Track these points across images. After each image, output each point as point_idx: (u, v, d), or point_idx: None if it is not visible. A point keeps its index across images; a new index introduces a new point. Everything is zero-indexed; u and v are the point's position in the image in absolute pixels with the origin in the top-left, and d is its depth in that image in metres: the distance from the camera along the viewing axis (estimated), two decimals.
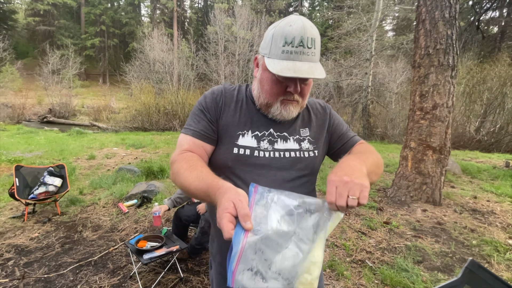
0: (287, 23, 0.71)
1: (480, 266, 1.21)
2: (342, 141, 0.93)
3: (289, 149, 0.83)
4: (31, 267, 2.34)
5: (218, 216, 0.54)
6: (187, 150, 0.79)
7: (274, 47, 0.72)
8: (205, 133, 0.81)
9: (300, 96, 0.79)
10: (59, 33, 31.89)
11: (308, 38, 0.70)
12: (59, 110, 19.16)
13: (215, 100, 0.84)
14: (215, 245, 0.92)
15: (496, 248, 2.65)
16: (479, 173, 5.74)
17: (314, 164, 0.87)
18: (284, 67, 0.69)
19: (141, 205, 3.67)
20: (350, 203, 0.56)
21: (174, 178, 0.75)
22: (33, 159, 6.19)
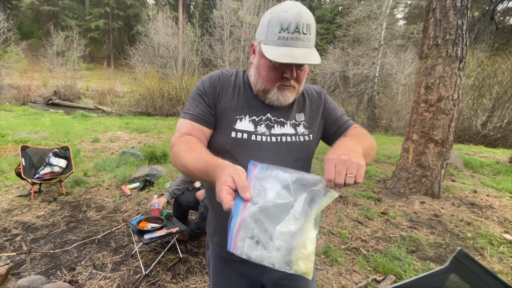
0: (282, 9, 0.71)
1: (468, 256, 1.24)
2: (337, 125, 0.95)
3: (286, 133, 0.85)
4: (37, 243, 2.44)
5: (218, 189, 0.55)
6: (186, 133, 0.81)
7: (270, 33, 0.73)
8: (203, 117, 0.83)
9: (296, 81, 0.80)
10: (63, 14, 31.50)
11: (303, 24, 0.70)
12: (64, 92, 19.22)
13: (213, 85, 0.85)
14: (212, 227, 0.96)
15: (491, 241, 2.69)
16: (482, 168, 5.72)
17: (309, 148, 0.89)
18: (281, 53, 0.70)
19: (143, 188, 3.76)
20: (348, 181, 0.59)
21: (174, 161, 0.76)
22: (38, 140, 6.29)
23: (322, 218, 3.08)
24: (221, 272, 0.95)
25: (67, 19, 30.32)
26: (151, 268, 2.10)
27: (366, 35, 14.16)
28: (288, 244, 0.57)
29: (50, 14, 31.64)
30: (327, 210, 3.27)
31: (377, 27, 13.24)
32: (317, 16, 32.10)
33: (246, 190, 0.54)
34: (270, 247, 0.56)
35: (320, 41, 28.48)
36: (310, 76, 17.05)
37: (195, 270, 2.15)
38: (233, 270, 0.94)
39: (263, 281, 0.94)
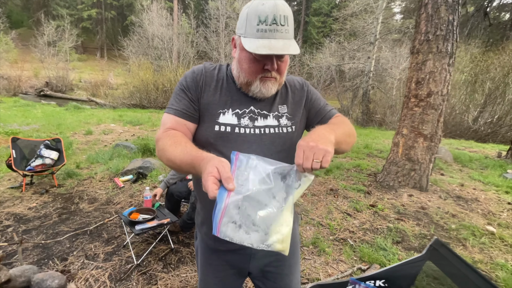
0: (259, 2, 0.73)
1: (443, 245, 1.30)
2: (320, 115, 0.97)
3: (269, 125, 0.87)
4: (29, 234, 2.46)
5: (204, 179, 0.59)
6: (171, 128, 0.82)
7: (249, 26, 0.74)
8: (186, 112, 0.84)
9: (277, 73, 0.81)
10: (54, 3, 30.63)
11: (280, 15, 0.72)
12: (56, 83, 18.86)
13: (195, 80, 0.87)
14: (200, 217, 0.98)
15: (473, 233, 2.79)
16: (470, 162, 5.85)
17: (292, 139, 0.91)
18: (260, 45, 0.72)
19: (136, 181, 3.77)
20: (314, 166, 0.63)
21: (160, 155, 0.78)
22: (30, 132, 6.22)
23: (312, 210, 3.15)
24: (209, 261, 0.98)
25: (58, 8, 29.51)
26: (143, 258, 2.14)
27: (362, 29, 14.12)
28: (266, 227, 0.63)
29: (41, 3, 30.74)
30: (318, 203, 3.34)
31: (373, 21, 13.21)
32: (314, 9, 31.80)
33: (229, 181, 0.58)
34: (251, 230, 0.62)
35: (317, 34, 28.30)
36: (306, 69, 17.02)
37: (186, 260, 2.19)
38: (220, 260, 0.96)
39: (250, 269, 0.97)
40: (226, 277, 0.98)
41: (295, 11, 36.72)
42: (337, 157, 5.65)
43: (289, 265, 1.00)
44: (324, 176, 4.30)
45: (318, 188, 3.81)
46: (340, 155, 5.79)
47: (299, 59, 17.08)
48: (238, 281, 1.01)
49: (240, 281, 1.02)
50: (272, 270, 0.98)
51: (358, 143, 7.37)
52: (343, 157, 5.72)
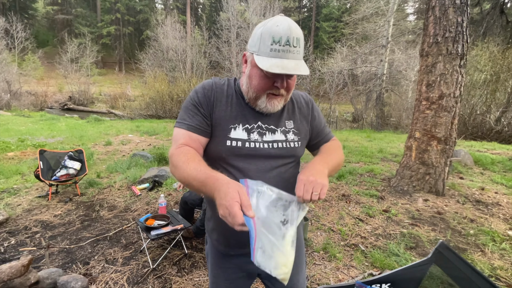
0: (274, 23, 0.78)
1: (448, 248, 1.31)
2: (319, 137, 1.05)
3: (277, 140, 0.92)
4: (55, 239, 2.64)
5: (228, 203, 0.61)
6: (184, 144, 0.84)
7: (262, 45, 0.78)
8: (200, 127, 0.87)
9: (285, 90, 0.87)
10: (76, 22, 32.67)
11: (293, 37, 0.77)
12: (78, 97, 19.96)
13: (207, 95, 0.90)
14: (211, 224, 1.03)
15: (493, 238, 2.68)
16: (492, 165, 5.60)
17: (298, 152, 0.98)
18: (273, 64, 0.76)
19: (152, 189, 3.93)
20: (313, 197, 0.73)
21: (173, 171, 0.80)
22: (55, 144, 6.62)
23: (323, 215, 3.15)
24: (220, 264, 1.03)
25: (80, 26, 31.43)
26: (158, 263, 2.24)
27: (374, 32, 14.00)
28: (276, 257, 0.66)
29: (64, 22, 32.89)
30: (329, 208, 3.33)
31: (385, 24, 13.07)
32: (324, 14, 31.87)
33: (249, 208, 0.62)
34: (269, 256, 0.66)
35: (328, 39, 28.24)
36: (318, 75, 16.99)
37: (199, 265, 2.27)
38: (230, 263, 1.02)
39: (259, 271, 1.02)
40: (236, 279, 1.02)
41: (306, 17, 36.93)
42: (350, 162, 5.59)
43: (295, 264, 1.05)
44: (336, 182, 4.28)
45: (330, 193, 3.80)
46: (353, 161, 5.73)
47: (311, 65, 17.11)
48: (247, 283, 1.05)
49: (249, 282, 1.06)
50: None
51: (372, 147, 7.25)
52: (356, 161, 5.66)
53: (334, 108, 16.96)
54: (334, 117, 16.04)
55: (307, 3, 38.16)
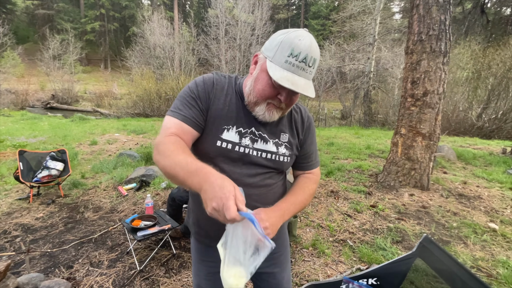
0: (297, 36, 0.75)
1: (432, 242, 1.33)
2: (304, 161, 1.02)
3: (267, 150, 0.90)
4: (36, 243, 2.54)
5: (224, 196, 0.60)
6: (174, 134, 0.81)
7: (279, 54, 0.76)
8: (195, 120, 0.84)
9: (286, 105, 0.85)
10: (58, 17, 31.48)
11: (311, 57, 0.76)
12: (61, 96, 19.30)
13: (206, 90, 0.87)
14: (192, 216, 1.03)
15: (475, 230, 2.78)
16: (474, 160, 5.80)
17: (285, 167, 0.96)
18: (284, 76, 0.74)
19: (139, 189, 3.85)
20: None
21: (158, 159, 0.75)
22: (37, 144, 6.38)
23: (312, 212, 3.17)
24: (201, 258, 1.04)
25: (63, 22, 30.31)
26: (145, 264, 2.19)
27: (361, 30, 14.19)
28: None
29: (46, 18, 31.63)
30: (318, 205, 3.36)
31: (371, 22, 13.26)
32: (313, 12, 32.04)
33: (244, 203, 0.62)
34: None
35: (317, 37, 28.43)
36: None
37: (187, 265, 2.24)
38: (211, 257, 1.01)
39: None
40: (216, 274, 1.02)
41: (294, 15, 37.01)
42: (338, 159, 5.66)
43: (280, 262, 1.05)
44: (325, 179, 4.32)
45: (319, 190, 3.83)
46: (341, 157, 5.80)
47: None
48: None
49: None
50: (265, 271, 1.03)
51: (360, 144, 7.36)
52: (345, 158, 5.73)
53: (323, 105, 17.13)
54: (323, 114, 16.21)
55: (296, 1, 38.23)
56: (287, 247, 1.09)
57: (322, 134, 9.43)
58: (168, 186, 3.87)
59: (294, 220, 2.54)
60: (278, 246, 1.03)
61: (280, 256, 1.05)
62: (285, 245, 1.08)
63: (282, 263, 1.06)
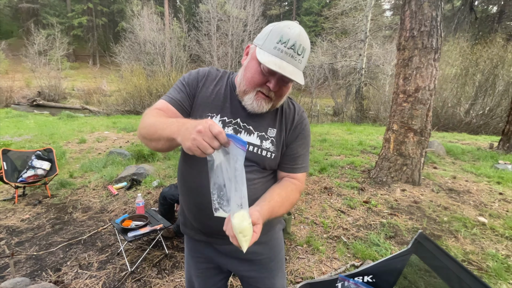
0: (286, 25, 0.77)
1: (427, 238, 1.33)
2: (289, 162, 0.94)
3: (250, 143, 0.87)
4: (22, 246, 2.45)
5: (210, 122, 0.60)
6: (161, 109, 0.85)
7: (268, 41, 0.77)
8: (180, 104, 0.87)
9: (275, 95, 0.83)
10: (43, 11, 30.42)
11: (300, 45, 0.76)
12: (48, 93, 18.73)
13: (196, 78, 0.91)
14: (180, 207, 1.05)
15: (465, 224, 2.83)
16: (463, 155, 5.92)
17: (268, 163, 0.90)
18: (272, 61, 0.74)
19: (130, 188, 3.76)
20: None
21: (141, 122, 0.81)
22: (22, 143, 6.17)
23: (306, 209, 3.17)
24: (191, 253, 1.04)
25: (48, 16, 29.29)
26: (137, 265, 2.14)
27: (353, 26, 14.24)
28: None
29: (30, 12, 30.51)
30: (312, 201, 3.36)
31: (363, 18, 13.32)
32: (305, 8, 31.97)
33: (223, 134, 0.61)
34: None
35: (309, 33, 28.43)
36: None
37: (180, 265, 2.20)
38: (200, 253, 1.02)
39: (228, 267, 1.02)
40: (207, 270, 1.03)
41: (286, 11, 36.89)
42: (331, 155, 5.68)
43: (270, 269, 1.02)
44: (318, 175, 4.33)
45: (312, 187, 3.83)
46: (334, 154, 5.83)
47: None
48: (219, 276, 1.05)
49: (222, 277, 1.06)
50: (252, 275, 1.01)
51: (352, 140, 7.42)
52: (337, 154, 5.76)
53: (316, 102, 17.20)
54: (316, 111, 16.27)
55: None
56: (278, 255, 1.05)
57: (315, 130, 9.46)
58: (160, 185, 3.80)
59: (288, 218, 2.52)
60: (267, 251, 1.00)
61: (268, 260, 1.01)
62: (276, 251, 1.04)
63: (272, 270, 1.02)
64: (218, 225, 0.88)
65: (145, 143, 0.81)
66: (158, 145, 0.75)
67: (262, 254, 1.00)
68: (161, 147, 0.76)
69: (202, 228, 0.94)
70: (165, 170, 4.51)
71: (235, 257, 0.98)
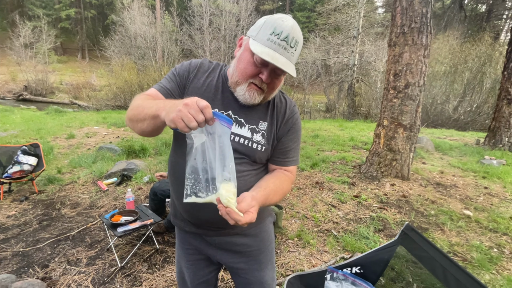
0: (280, 17, 0.77)
1: (413, 229, 1.35)
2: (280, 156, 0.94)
3: (240, 135, 0.87)
4: (8, 243, 2.39)
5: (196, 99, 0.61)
6: (149, 95, 0.86)
7: (262, 32, 0.77)
8: (169, 92, 0.87)
9: (268, 87, 0.82)
10: (29, 3, 29.33)
11: (293, 38, 0.76)
12: (35, 87, 18.19)
13: (188, 69, 0.91)
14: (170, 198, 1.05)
15: (451, 217, 2.91)
16: (451, 150, 6.06)
17: (258, 156, 0.90)
18: (265, 51, 0.74)
19: (120, 183, 3.71)
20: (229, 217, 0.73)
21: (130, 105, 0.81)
22: (8, 138, 5.99)
23: (298, 203, 3.20)
24: (181, 245, 1.05)
25: (34, 8, 28.29)
26: (127, 260, 2.12)
27: (345, 23, 14.28)
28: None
29: (15, 3, 29.41)
30: (303, 196, 3.39)
31: (356, 15, 13.37)
32: (298, 4, 31.86)
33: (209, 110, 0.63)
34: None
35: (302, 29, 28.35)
36: None
37: (171, 260, 2.19)
38: (190, 244, 1.03)
39: (217, 258, 1.02)
40: (197, 261, 1.04)
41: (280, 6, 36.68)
42: (323, 151, 5.73)
43: (259, 261, 1.03)
44: (310, 170, 4.36)
45: (304, 181, 3.86)
46: (326, 149, 5.88)
47: None
48: (209, 268, 1.06)
49: (212, 268, 1.07)
50: (241, 267, 1.02)
51: (343, 136, 7.49)
52: (329, 150, 5.81)
53: (308, 98, 17.26)
54: (308, 107, 16.34)
55: None
56: (268, 247, 1.06)
57: (307, 126, 9.51)
58: (151, 180, 3.76)
59: (280, 212, 2.54)
60: (256, 243, 1.01)
61: (258, 252, 1.02)
62: (266, 244, 1.04)
63: (262, 262, 1.03)
64: (208, 216, 0.88)
65: (132, 126, 0.81)
66: (143, 125, 0.75)
67: (252, 246, 1.01)
68: (146, 127, 0.75)
69: (191, 219, 0.94)
70: (156, 165, 4.46)
71: (224, 249, 0.99)
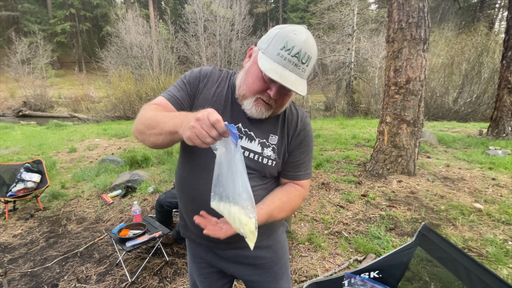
0: (292, 30, 0.72)
1: (431, 230, 1.32)
2: (292, 169, 0.92)
3: (251, 150, 0.84)
4: (15, 263, 2.36)
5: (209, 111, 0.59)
6: (159, 104, 0.82)
7: (272, 46, 0.73)
8: (180, 102, 0.84)
9: (276, 103, 0.80)
10: (24, 19, 29.58)
11: (305, 53, 0.71)
12: (34, 102, 18.24)
13: (198, 78, 0.88)
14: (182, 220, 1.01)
15: (462, 212, 2.87)
16: (454, 143, 6.02)
17: (269, 171, 0.88)
18: (273, 68, 0.70)
19: (125, 195, 3.68)
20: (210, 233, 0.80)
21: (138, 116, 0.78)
22: (10, 155, 5.98)
23: (305, 206, 3.16)
24: (193, 258, 1.03)
25: (29, 24, 28.49)
26: (137, 275, 2.09)
27: (340, 21, 14.31)
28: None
29: (10, 20, 29.62)
30: (310, 198, 3.35)
31: (349, 13, 13.40)
32: (291, 5, 32.00)
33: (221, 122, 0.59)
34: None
35: None
36: None
37: (182, 272, 2.15)
38: (202, 259, 1.00)
39: (231, 271, 0.99)
40: (211, 274, 1.02)
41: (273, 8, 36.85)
42: (326, 150, 5.70)
43: (274, 273, 1.00)
44: (315, 171, 4.33)
45: (310, 183, 3.83)
46: (329, 149, 5.85)
47: None
48: (222, 280, 1.04)
49: (225, 280, 1.05)
50: (256, 279, 0.99)
51: (345, 134, 7.46)
52: (332, 149, 5.78)
53: (307, 98, 17.24)
54: (307, 107, 16.33)
55: None
56: (282, 258, 1.03)
57: None
58: (156, 190, 3.74)
59: (289, 216, 2.50)
60: (270, 255, 0.98)
61: (272, 264, 0.99)
62: (280, 255, 1.01)
63: (277, 274, 1.00)
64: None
65: (141, 139, 0.76)
66: (158, 140, 0.71)
67: (265, 258, 0.98)
68: (161, 142, 0.71)
69: (201, 234, 0.92)
70: (160, 175, 4.43)
71: (237, 262, 0.96)
